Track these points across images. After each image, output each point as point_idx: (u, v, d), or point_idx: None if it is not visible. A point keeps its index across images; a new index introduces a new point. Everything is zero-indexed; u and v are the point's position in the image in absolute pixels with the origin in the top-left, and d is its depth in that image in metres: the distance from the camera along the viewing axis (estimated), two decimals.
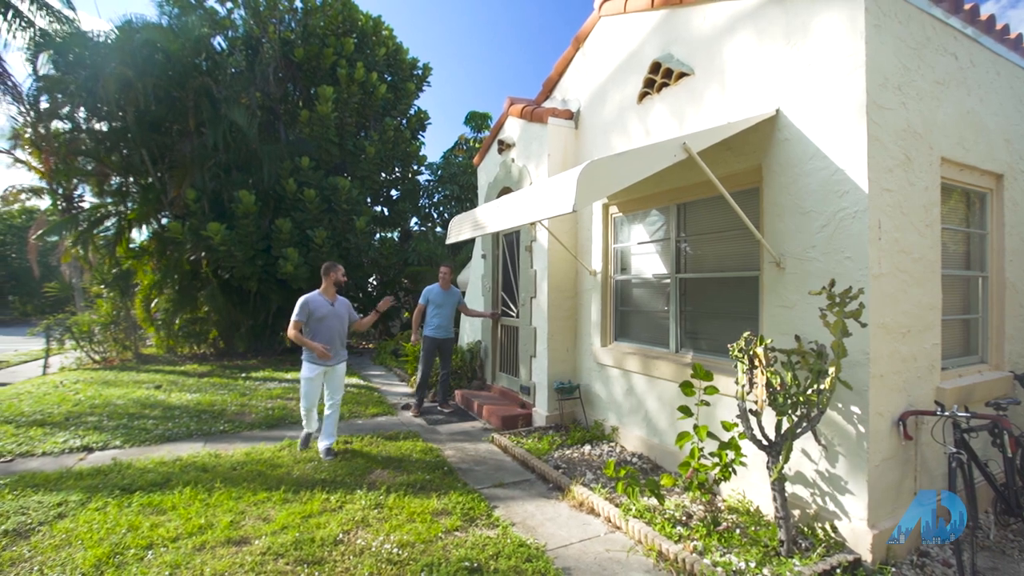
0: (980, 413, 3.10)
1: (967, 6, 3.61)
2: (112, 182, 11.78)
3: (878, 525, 2.98)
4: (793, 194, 3.41)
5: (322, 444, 4.75)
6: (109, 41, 10.12)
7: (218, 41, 11.68)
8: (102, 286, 11.34)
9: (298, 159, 11.07)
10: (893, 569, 2.86)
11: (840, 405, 3.10)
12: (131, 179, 11.51)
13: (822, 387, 2.84)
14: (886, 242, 3.09)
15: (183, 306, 11.24)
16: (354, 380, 8.72)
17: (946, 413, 3.04)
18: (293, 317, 4.56)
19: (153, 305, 11.37)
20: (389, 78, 13.59)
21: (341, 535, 3.18)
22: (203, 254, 10.86)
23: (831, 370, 2.83)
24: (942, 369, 3.56)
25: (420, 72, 14.29)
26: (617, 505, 3.55)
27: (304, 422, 4.93)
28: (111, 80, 9.67)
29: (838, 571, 2.75)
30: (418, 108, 14.49)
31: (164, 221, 11.64)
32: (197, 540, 3.08)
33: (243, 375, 9.02)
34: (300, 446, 4.90)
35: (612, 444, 4.98)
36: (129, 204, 11.52)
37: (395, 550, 3.00)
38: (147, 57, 9.95)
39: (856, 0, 3.05)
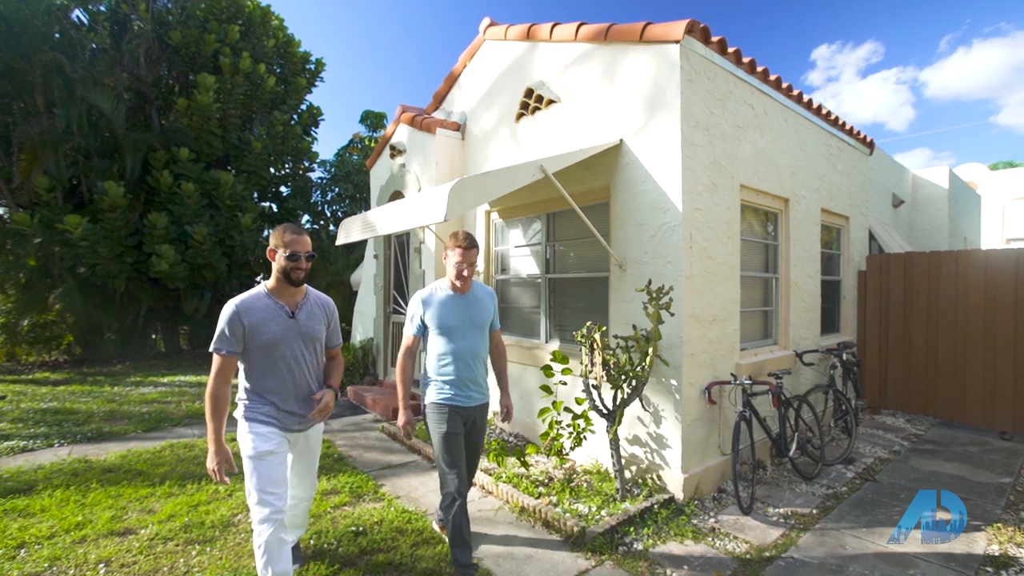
0: (761, 381, 4.09)
1: (760, 68, 4.65)
2: None
3: (689, 471, 3.82)
4: (632, 210, 4.19)
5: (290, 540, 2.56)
6: None
7: (77, 14, 10.55)
8: None
9: (176, 150, 10.37)
10: (697, 502, 3.71)
11: (663, 379, 3.91)
12: None
13: (644, 364, 3.61)
14: (696, 250, 3.95)
15: (30, 307, 10.05)
16: None
17: (737, 382, 3.97)
18: (215, 345, 2.31)
19: None
20: (279, 71, 13.13)
21: (232, 518, 3.37)
22: (56, 249, 9.78)
23: (650, 350, 3.60)
24: (742, 349, 4.57)
25: (313, 67, 13.94)
26: (489, 474, 4.10)
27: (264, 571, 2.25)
28: None
29: (655, 506, 3.53)
30: (310, 104, 14.13)
31: (1, 211, 10.28)
32: (76, 535, 3.11)
33: (110, 382, 8.35)
34: None
35: (492, 427, 5.54)
36: None
37: None
38: None
39: (673, 60, 3.87)
